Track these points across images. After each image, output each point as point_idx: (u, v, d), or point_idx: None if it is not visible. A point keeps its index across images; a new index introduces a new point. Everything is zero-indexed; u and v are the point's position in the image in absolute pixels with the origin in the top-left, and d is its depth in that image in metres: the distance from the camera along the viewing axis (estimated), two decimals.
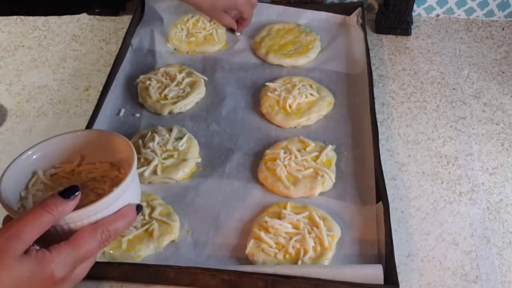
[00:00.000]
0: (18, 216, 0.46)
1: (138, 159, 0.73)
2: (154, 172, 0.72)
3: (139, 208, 0.52)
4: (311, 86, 0.84)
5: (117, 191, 0.49)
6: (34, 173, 0.56)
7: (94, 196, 0.54)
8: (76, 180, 0.56)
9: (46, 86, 0.90)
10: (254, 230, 0.66)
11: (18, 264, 0.43)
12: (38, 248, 0.45)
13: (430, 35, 0.99)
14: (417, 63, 0.93)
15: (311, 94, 0.82)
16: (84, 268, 0.50)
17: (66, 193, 0.47)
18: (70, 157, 0.57)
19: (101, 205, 0.48)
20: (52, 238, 0.47)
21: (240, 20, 0.95)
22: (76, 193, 0.47)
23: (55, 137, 0.56)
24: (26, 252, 0.44)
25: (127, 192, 0.51)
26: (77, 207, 0.48)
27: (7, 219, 0.50)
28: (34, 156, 0.55)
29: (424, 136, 0.80)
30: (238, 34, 0.97)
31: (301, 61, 0.91)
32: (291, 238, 0.64)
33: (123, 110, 0.83)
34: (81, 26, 1.03)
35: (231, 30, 0.97)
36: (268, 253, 0.63)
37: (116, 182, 0.54)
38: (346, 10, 0.99)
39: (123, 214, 0.50)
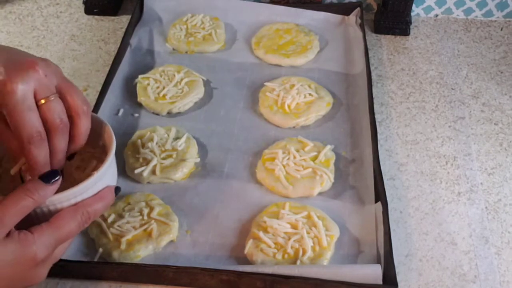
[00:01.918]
0: None
1: (137, 159, 0.73)
2: (153, 172, 0.72)
3: (117, 190, 0.54)
4: (309, 86, 0.84)
5: (96, 175, 0.51)
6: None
7: (72, 170, 0.56)
8: None
9: None
10: (253, 230, 0.66)
11: (2, 247, 0.44)
12: (19, 230, 0.46)
13: (429, 35, 0.99)
14: (416, 63, 0.93)
15: (309, 94, 0.82)
16: (62, 248, 0.51)
17: (47, 178, 0.48)
18: None
19: (81, 188, 0.49)
20: (32, 220, 0.47)
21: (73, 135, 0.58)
22: (57, 178, 0.49)
23: None
24: (8, 234, 0.45)
25: (106, 175, 0.52)
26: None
27: None
28: None
29: (422, 136, 0.80)
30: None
31: (300, 61, 0.91)
32: (289, 238, 0.64)
33: (121, 110, 0.83)
34: (79, 26, 1.03)
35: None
36: (267, 253, 0.63)
37: (88, 157, 0.57)
38: (345, 10, 0.99)
39: (102, 196, 0.52)
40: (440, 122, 0.82)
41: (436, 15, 1.04)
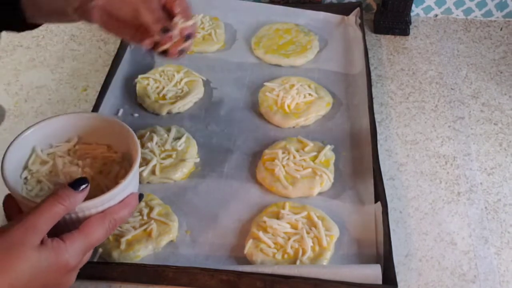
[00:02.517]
0: (29, 203, 0.49)
1: None
2: (153, 172, 0.72)
3: (141, 196, 0.56)
4: (309, 86, 0.84)
5: (124, 183, 0.52)
6: (32, 151, 0.58)
7: (95, 175, 0.57)
8: (73, 159, 0.58)
9: (45, 86, 0.90)
10: (253, 230, 0.66)
11: (37, 255, 0.45)
12: (52, 238, 0.47)
13: (429, 35, 0.99)
14: (415, 63, 0.93)
15: (309, 94, 0.82)
16: (89, 254, 0.52)
17: (77, 185, 0.50)
18: (68, 137, 0.60)
19: (109, 196, 0.51)
20: (61, 226, 0.48)
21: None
22: (86, 185, 0.50)
23: (54, 117, 0.59)
24: (42, 242, 0.46)
25: (132, 182, 0.54)
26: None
27: (8, 199, 0.52)
28: (32, 136, 0.57)
29: (422, 136, 0.80)
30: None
31: (300, 61, 0.91)
32: (289, 238, 0.64)
33: (121, 110, 0.83)
34: (79, 26, 1.03)
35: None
36: (266, 253, 0.63)
37: (110, 161, 0.58)
38: (344, 10, 0.99)
39: (127, 203, 0.53)
40: (439, 122, 0.82)
41: (436, 15, 1.04)
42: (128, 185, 0.53)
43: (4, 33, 0.66)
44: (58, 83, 0.91)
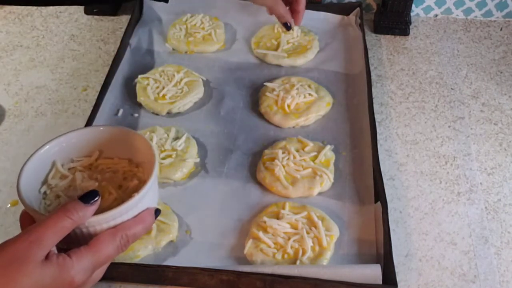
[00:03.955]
0: (40, 217, 0.47)
1: None
2: None
3: (157, 212, 0.53)
4: (309, 86, 0.84)
5: (137, 197, 0.49)
6: (52, 166, 0.56)
7: (112, 189, 0.54)
8: (93, 174, 0.56)
9: (44, 86, 0.90)
10: (253, 230, 0.66)
11: (40, 270, 0.43)
12: (58, 253, 0.45)
13: (429, 35, 0.99)
14: (415, 63, 0.93)
15: (309, 94, 0.82)
16: (101, 271, 0.50)
17: (86, 198, 0.47)
18: (89, 151, 0.58)
19: (121, 210, 0.48)
20: (71, 241, 0.47)
21: (293, 10, 0.86)
22: (96, 198, 0.48)
23: (74, 131, 0.57)
24: (47, 257, 0.44)
25: (146, 196, 0.51)
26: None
27: (24, 216, 0.50)
28: (52, 150, 0.55)
29: (422, 136, 0.80)
30: (293, 30, 0.92)
31: (300, 61, 0.91)
32: (289, 238, 0.64)
33: (121, 110, 0.83)
34: (79, 26, 1.03)
35: (285, 26, 0.86)
36: (266, 253, 0.63)
37: (131, 176, 0.55)
38: (344, 10, 0.99)
39: (141, 219, 0.50)
40: (439, 122, 0.82)
41: (436, 15, 1.04)
42: (143, 199, 0.50)
43: (3, 33, 0.66)
44: (58, 83, 0.91)
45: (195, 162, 0.75)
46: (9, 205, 0.71)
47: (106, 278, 0.61)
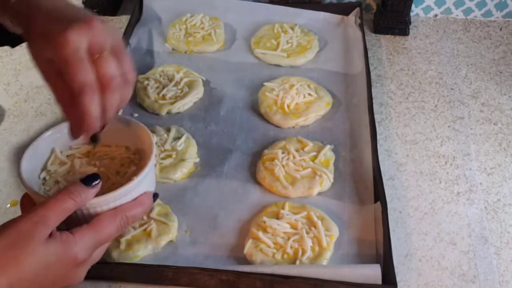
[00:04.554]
0: (42, 199, 0.49)
1: None
2: None
3: (155, 196, 0.55)
4: (309, 86, 0.84)
5: (136, 180, 0.51)
6: (52, 152, 0.58)
7: (111, 175, 0.56)
8: (91, 160, 0.58)
9: (44, 86, 0.90)
10: (252, 230, 0.66)
11: (45, 248, 0.45)
12: (61, 231, 0.47)
13: (428, 35, 0.99)
14: (415, 63, 0.93)
15: (309, 94, 0.82)
16: (101, 250, 0.52)
17: (88, 181, 0.49)
18: (87, 139, 0.59)
19: (121, 193, 0.50)
20: (72, 222, 0.48)
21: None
22: (97, 181, 0.50)
23: None
24: (51, 235, 0.46)
25: (145, 180, 0.53)
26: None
27: (25, 198, 0.52)
28: (52, 137, 0.57)
29: (422, 136, 0.80)
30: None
31: (299, 61, 0.91)
32: (289, 238, 0.64)
33: (121, 110, 0.83)
34: None
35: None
36: (266, 253, 0.63)
37: (128, 163, 0.57)
38: (344, 10, 0.99)
39: (140, 202, 0.53)
40: (439, 122, 0.82)
41: (436, 15, 1.04)
42: (141, 183, 0.52)
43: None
44: None
45: (195, 162, 0.75)
46: (9, 205, 0.71)
47: (106, 278, 0.62)
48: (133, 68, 0.53)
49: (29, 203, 0.51)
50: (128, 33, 0.94)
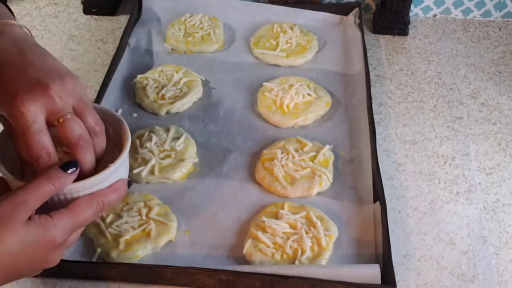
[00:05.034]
0: (18, 183, 0.50)
1: (136, 159, 0.73)
2: (152, 172, 0.72)
3: (129, 183, 0.57)
4: (308, 86, 0.84)
5: (113, 167, 0.53)
6: None
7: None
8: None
9: None
10: (252, 230, 0.66)
11: (24, 229, 0.46)
12: (40, 214, 0.48)
13: (427, 35, 0.99)
14: (414, 63, 0.93)
15: (308, 94, 0.82)
16: (76, 234, 0.53)
17: (67, 167, 0.50)
18: None
19: (97, 179, 0.52)
20: (49, 207, 0.50)
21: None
22: (75, 167, 0.51)
23: None
24: (30, 218, 0.47)
25: (121, 168, 0.55)
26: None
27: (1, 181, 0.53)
28: None
29: (421, 136, 0.80)
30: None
31: (299, 61, 0.91)
32: (288, 238, 0.64)
33: (120, 110, 0.83)
34: (78, 26, 1.03)
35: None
36: (265, 253, 0.63)
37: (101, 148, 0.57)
38: (343, 10, 0.99)
39: (116, 188, 0.54)
40: (438, 122, 0.82)
41: (435, 15, 1.04)
42: (117, 170, 0.54)
43: None
44: None
45: (194, 162, 0.75)
46: None
47: (105, 278, 0.62)
48: (99, 120, 0.54)
49: (2, 184, 0.53)
50: (127, 33, 0.94)
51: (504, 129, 0.81)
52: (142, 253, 0.64)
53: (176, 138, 0.76)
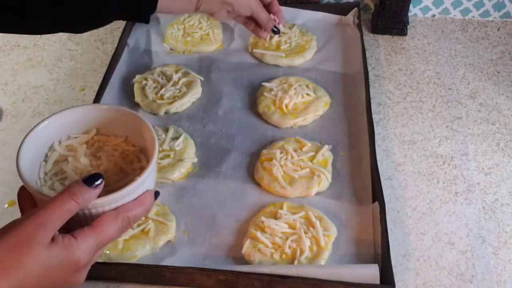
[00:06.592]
0: (44, 198, 0.48)
1: None
2: None
3: (157, 194, 0.54)
4: (307, 86, 0.84)
5: (139, 180, 0.50)
6: (51, 143, 0.56)
7: (107, 164, 0.55)
8: (91, 151, 0.56)
9: (42, 86, 0.90)
10: (251, 230, 0.66)
11: (47, 252, 0.44)
12: (63, 234, 0.46)
13: (426, 35, 0.99)
14: (413, 63, 0.93)
15: (307, 94, 0.82)
16: (100, 252, 0.51)
17: (90, 181, 0.48)
18: (86, 129, 0.58)
19: (123, 193, 0.49)
20: (73, 222, 0.48)
21: (273, 13, 0.85)
22: (100, 181, 0.48)
23: (70, 108, 0.56)
24: (53, 239, 0.45)
25: (147, 179, 0.52)
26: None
27: (23, 192, 0.50)
28: (49, 126, 0.55)
29: (420, 136, 0.80)
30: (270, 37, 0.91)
31: (298, 61, 0.91)
32: (287, 238, 0.64)
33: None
34: None
35: (273, 31, 0.85)
36: (264, 253, 0.63)
37: (126, 155, 0.56)
38: (342, 10, 1.00)
39: (142, 201, 0.52)
40: (437, 122, 0.82)
41: (433, 15, 1.04)
42: (143, 182, 0.51)
43: (1, 34, 0.66)
44: (56, 83, 0.91)
45: (193, 162, 0.75)
46: (6, 205, 0.71)
47: (104, 278, 0.62)
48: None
49: (28, 198, 0.51)
50: (126, 33, 0.94)
51: (502, 129, 0.81)
52: (141, 253, 0.64)
53: (175, 138, 0.76)
